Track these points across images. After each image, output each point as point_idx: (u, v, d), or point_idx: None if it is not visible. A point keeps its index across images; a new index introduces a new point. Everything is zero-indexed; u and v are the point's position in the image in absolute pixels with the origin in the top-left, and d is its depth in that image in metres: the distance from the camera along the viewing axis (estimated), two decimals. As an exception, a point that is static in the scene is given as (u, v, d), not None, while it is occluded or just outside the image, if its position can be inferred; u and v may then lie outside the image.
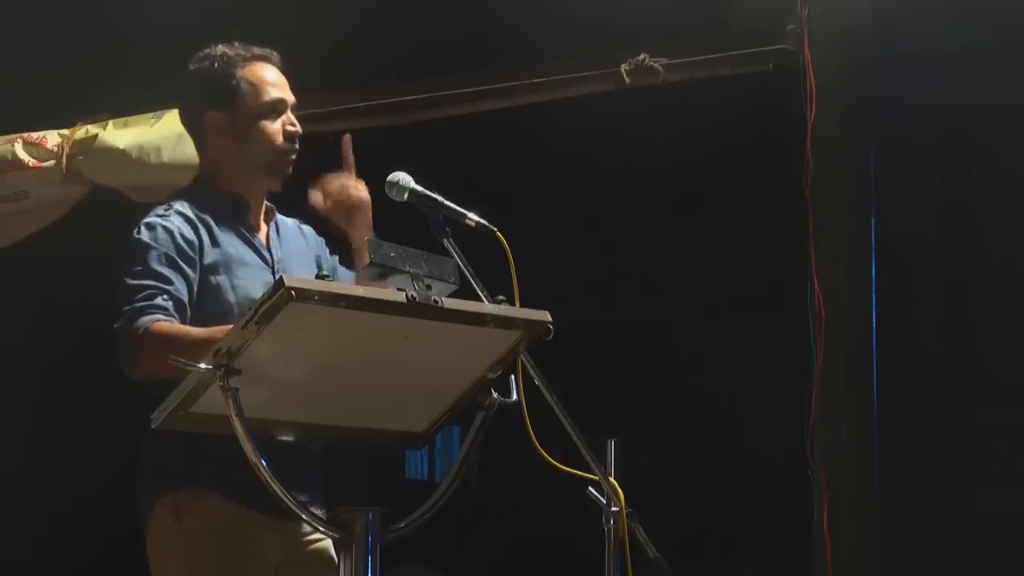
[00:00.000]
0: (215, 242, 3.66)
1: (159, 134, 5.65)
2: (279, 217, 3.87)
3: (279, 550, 3.63)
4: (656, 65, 5.37)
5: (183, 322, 3.51)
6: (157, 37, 6.91)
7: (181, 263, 3.58)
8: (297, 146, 3.77)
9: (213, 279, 3.62)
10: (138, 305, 3.48)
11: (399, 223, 3.55)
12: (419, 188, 3.57)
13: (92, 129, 5.79)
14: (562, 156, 7.86)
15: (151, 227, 3.62)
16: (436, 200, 3.55)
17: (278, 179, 3.78)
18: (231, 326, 2.96)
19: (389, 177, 3.58)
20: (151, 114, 5.74)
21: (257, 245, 3.76)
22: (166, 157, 5.59)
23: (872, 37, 5.21)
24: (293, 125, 3.75)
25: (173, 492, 3.58)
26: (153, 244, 3.58)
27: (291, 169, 3.77)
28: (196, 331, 3.43)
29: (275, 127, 3.73)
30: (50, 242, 6.02)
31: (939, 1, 5.85)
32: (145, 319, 3.45)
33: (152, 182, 5.62)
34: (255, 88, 3.73)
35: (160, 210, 3.70)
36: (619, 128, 7.06)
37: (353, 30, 6.77)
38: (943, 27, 6.19)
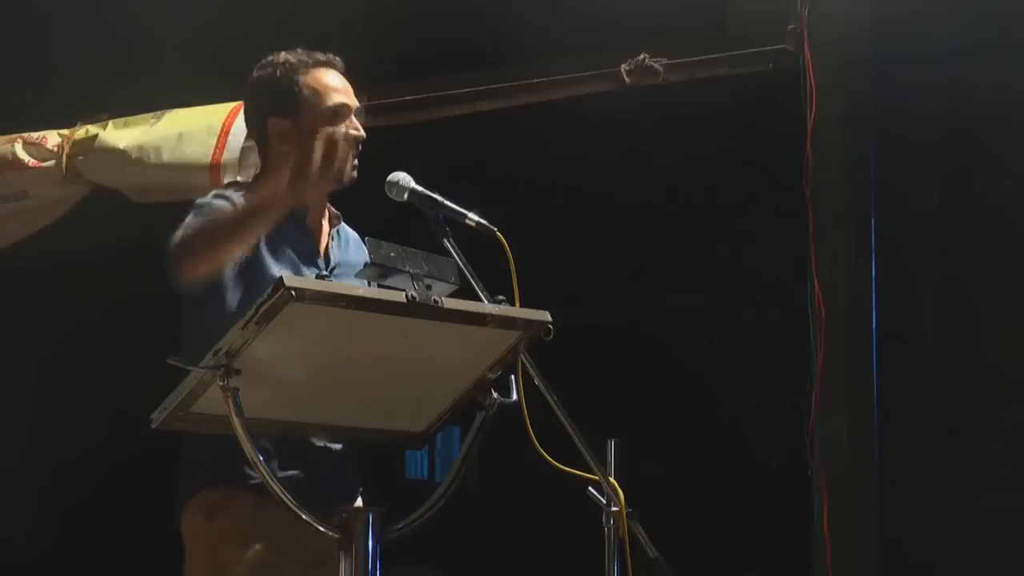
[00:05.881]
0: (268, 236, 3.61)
1: (159, 134, 5.65)
2: (343, 226, 3.84)
3: (312, 551, 3.54)
4: (656, 65, 5.37)
5: None
6: (157, 37, 6.91)
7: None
8: (360, 150, 3.73)
9: (267, 269, 3.58)
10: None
11: (399, 223, 3.55)
12: (419, 188, 3.57)
13: (92, 129, 5.80)
14: (562, 156, 7.86)
15: (211, 197, 3.63)
16: (436, 200, 3.55)
17: (339, 183, 3.76)
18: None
19: (389, 177, 3.58)
20: (151, 114, 5.74)
21: (313, 247, 3.73)
22: (166, 157, 5.58)
23: (872, 37, 5.22)
24: (357, 130, 3.72)
25: (206, 490, 3.57)
26: (208, 206, 3.58)
27: (356, 173, 3.75)
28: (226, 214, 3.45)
29: (338, 132, 3.70)
30: (50, 242, 6.02)
31: (939, 1, 5.85)
32: (178, 231, 3.44)
33: (152, 182, 5.63)
34: (318, 94, 3.71)
35: (216, 191, 3.72)
36: (619, 128, 7.06)
37: (353, 30, 6.76)
38: (943, 27, 6.19)
